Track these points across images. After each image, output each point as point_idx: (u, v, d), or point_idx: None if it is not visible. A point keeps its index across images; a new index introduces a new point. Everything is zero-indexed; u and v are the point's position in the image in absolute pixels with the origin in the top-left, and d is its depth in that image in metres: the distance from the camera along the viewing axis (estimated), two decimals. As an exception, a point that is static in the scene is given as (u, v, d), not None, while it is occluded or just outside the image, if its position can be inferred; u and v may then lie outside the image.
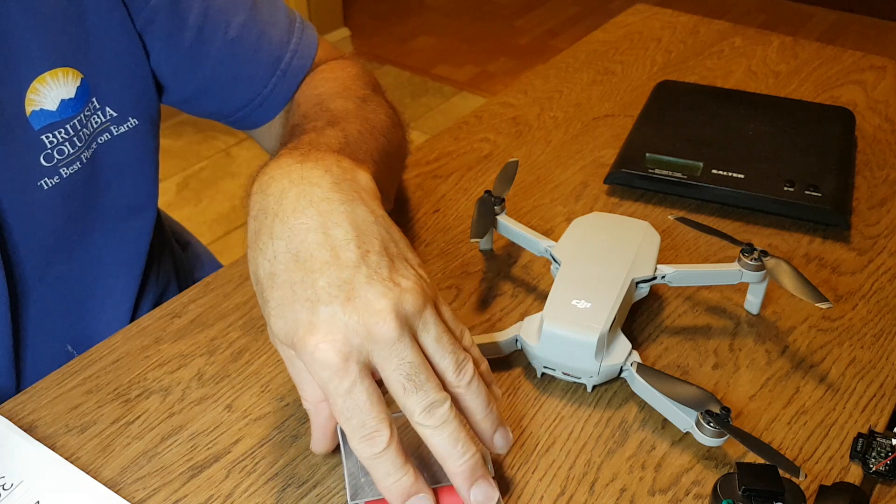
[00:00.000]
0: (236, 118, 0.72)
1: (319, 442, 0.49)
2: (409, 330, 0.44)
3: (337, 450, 0.53)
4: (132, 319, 0.72)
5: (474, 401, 0.46)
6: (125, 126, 0.65)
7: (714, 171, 0.75)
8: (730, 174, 0.75)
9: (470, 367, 0.46)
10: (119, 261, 0.70)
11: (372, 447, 0.43)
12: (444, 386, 0.44)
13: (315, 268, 0.44)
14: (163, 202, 0.89)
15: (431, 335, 0.45)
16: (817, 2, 3.25)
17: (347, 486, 0.48)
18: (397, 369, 0.43)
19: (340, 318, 0.43)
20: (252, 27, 0.68)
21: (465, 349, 0.47)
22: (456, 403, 0.45)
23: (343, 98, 0.64)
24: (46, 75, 0.59)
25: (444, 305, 0.47)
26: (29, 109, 0.59)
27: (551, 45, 3.03)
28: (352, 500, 0.47)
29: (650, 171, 0.76)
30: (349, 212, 0.46)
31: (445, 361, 0.45)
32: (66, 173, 0.62)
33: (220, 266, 0.90)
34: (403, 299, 0.43)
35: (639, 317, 0.63)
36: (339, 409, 0.43)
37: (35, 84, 0.58)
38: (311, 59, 0.72)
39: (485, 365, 0.48)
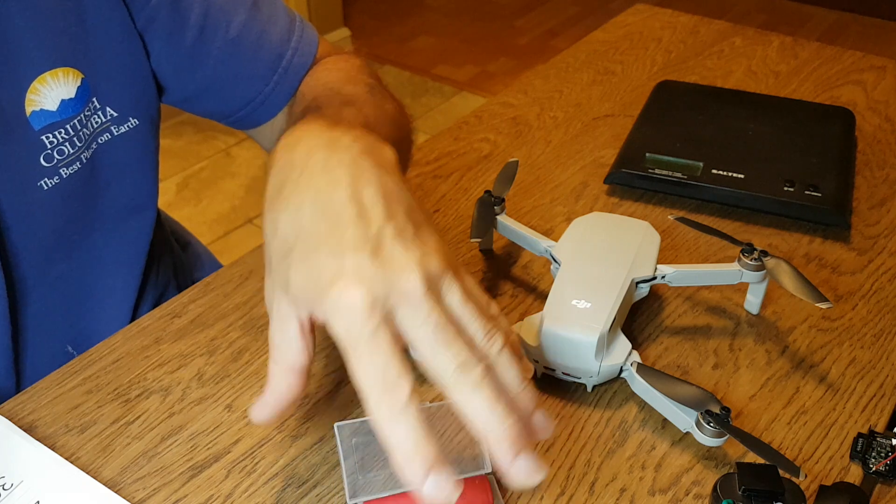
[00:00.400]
0: (237, 117, 0.72)
1: (266, 409, 0.45)
2: (434, 289, 0.42)
3: (335, 450, 0.53)
4: (132, 319, 0.72)
5: (508, 371, 0.42)
6: (125, 126, 0.65)
7: (714, 171, 0.75)
8: (730, 174, 0.75)
9: (500, 334, 0.43)
10: (119, 261, 0.70)
11: (393, 399, 0.39)
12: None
13: (343, 221, 0.43)
14: (163, 202, 0.89)
15: (457, 297, 0.43)
16: (817, 2, 3.25)
17: (346, 486, 0.48)
18: (424, 325, 0.41)
19: (368, 267, 0.41)
20: (253, 26, 0.68)
21: (493, 318, 0.44)
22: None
23: (352, 84, 0.64)
24: (47, 75, 0.59)
25: (467, 275, 0.45)
26: (29, 110, 0.58)
27: (551, 45, 3.03)
28: (351, 499, 0.47)
29: (650, 171, 0.76)
30: (378, 176, 0.45)
31: (473, 326, 0.42)
32: (65, 173, 0.62)
33: (219, 266, 0.90)
34: (429, 258, 0.42)
35: (639, 317, 0.63)
36: (359, 353, 0.40)
37: (35, 84, 0.58)
38: (311, 57, 0.72)
39: (514, 336, 0.45)
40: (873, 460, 0.51)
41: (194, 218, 2.13)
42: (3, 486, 0.49)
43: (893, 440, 0.52)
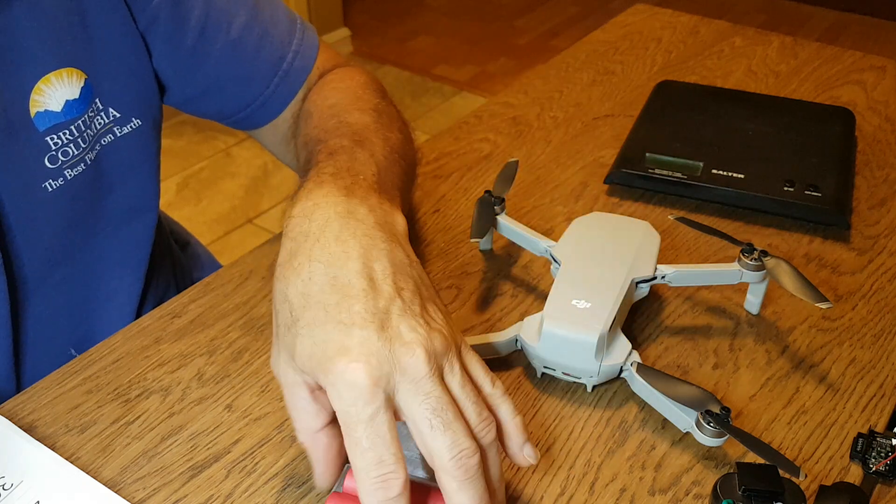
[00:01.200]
0: (238, 118, 0.72)
1: (324, 475, 0.47)
2: (438, 368, 0.43)
3: (337, 450, 0.53)
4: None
5: (493, 465, 0.44)
6: (128, 127, 0.65)
7: (714, 171, 0.75)
8: (730, 174, 0.75)
9: (493, 426, 0.44)
10: (122, 263, 0.70)
11: (386, 491, 0.41)
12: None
13: (352, 294, 0.44)
14: (163, 202, 0.89)
15: (457, 379, 0.44)
16: (817, 2, 3.25)
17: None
18: (423, 403, 0.42)
19: (374, 342, 0.42)
20: (254, 27, 0.68)
21: (494, 399, 0.45)
22: None
23: (359, 110, 0.64)
24: (51, 76, 0.59)
25: (471, 353, 0.46)
26: (33, 111, 0.58)
27: (551, 45, 3.03)
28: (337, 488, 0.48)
29: (650, 171, 0.76)
30: (389, 250, 0.46)
31: (469, 410, 0.43)
32: (70, 175, 0.61)
33: (219, 266, 0.90)
34: (433, 337, 0.43)
35: (639, 317, 0.63)
36: (356, 437, 0.41)
37: (39, 85, 0.58)
38: (312, 60, 0.71)
39: (518, 419, 0.46)
40: (873, 460, 0.51)
41: (194, 218, 2.13)
42: (3, 486, 0.49)
43: (893, 440, 0.52)
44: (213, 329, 0.62)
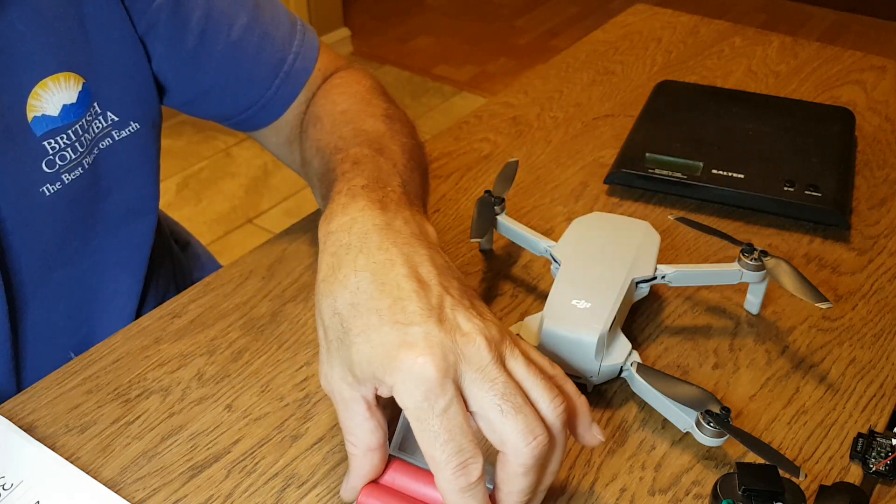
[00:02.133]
0: (239, 120, 0.72)
1: (354, 491, 0.47)
2: (499, 355, 0.43)
3: (335, 450, 0.53)
4: None
5: (560, 448, 0.45)
6: (126, 130, 0.65)
7: (714, 171, 0.75)
8: (730, 174, 0.75)
9: (564, 404, 0.44)
10: (121, 265, 0.70)
11: (467, 477, 0.41)
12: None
13: (403, 295, 0.44)
14: (163, 202, 0.89)
15: (521, 363, 0.44)
16: (817, 2, 3.25)
17: (395, 436, 0.48)
18: (491, 390, 0.42)
19: (436, 335, 0.42)
20: (254, 29, 0.68)
21: (558, 380, 0.46)
22: None
23: (372, 117, 0.64)
24: (48, 80, 0.59)
25: (524, 341, 0.47)
26: (30, 115, 0.58)
27: (551, 45, 3.03)
28: (392, 450, 0.48)
29: (650, 171, 0.76)
30: (430, 256, 0.47)
31: (539, 391, 0.44)
32: (67, 179, 0.61)
33: (218, 266, 0.90)
34: (489, 326, 0.44)
35: (639, 317, 0.63)
36: (434, 431, 0.41)
37: (37, 90, 0.58)
38: (313, 62, 0.71)
39: (584, 399, 0.47)
40: (873, 460, 0.51)
41: (194, 218, 2.13)
42: (3, 486, 0.49)
43: (893, 440, 0.52)
44: (213, 329, 0.62)
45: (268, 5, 0.70)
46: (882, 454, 0.51)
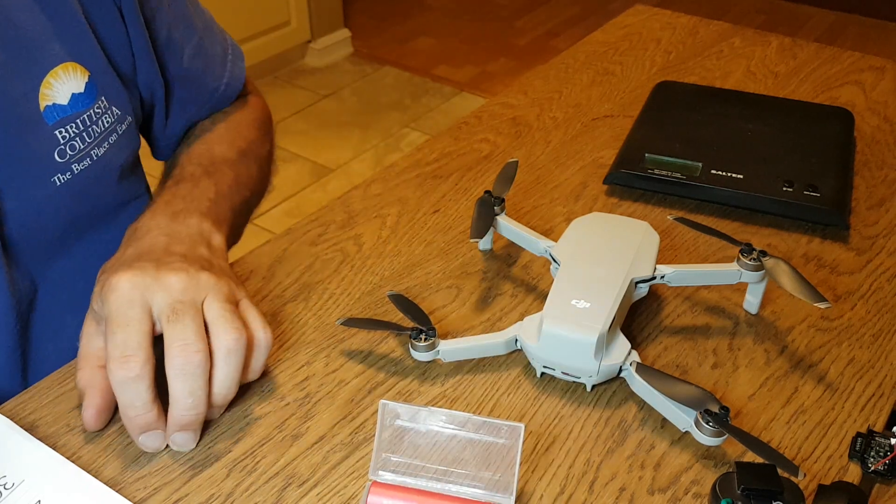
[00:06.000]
0: (164, 136, 0.76)
1: (100, 414, 0.53)
2: (194, 294, 0.52)
3: (335, 449, 0.53)
4: None
5: (221, 373, 0.51)
6: (125, 124, 0.66)
7: (713, 172, 0.76)
8: (729, 174, 0.75)
9: (240, 333, 0.52)
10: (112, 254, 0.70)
11: (126, 370, 0.49)
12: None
13: (146, 255, 0.55)
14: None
15: (216, 305, 0.52)
16: (816, 2, 3.25)
17: (372, 459, 0.48)
18: (168, 301, 0.51)
19: (148, 269, 0.52)
20: (198, 59, 0.73)
21: (246, 313, 0.54)
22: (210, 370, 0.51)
23: (228, 144, 0.73)
24: (59, 69, 0.59)
25: (251, 305, 0.55)
26: (42, 104, 0.59)
27: (551, 46, 3.03)
28: (372, 473, 0.48)
29: (649, 171, 0.76)
30: (191, 243, 0.58)
31: (218, 320, 0.51)
32: (77, 169, 0.62)
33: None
34: (202, 273, 0.53)
35: (638, 317, 0.63)
36: (108, 326, 0.50)
37: (48, 78, 0.59)
38: (237, 90, 0.78)
39: (265, 335, 0.54)
40: (872, 459, 0.52)
41: (194, 218, 2.13)
42: (5, 485, 0.49)
43: (892, 439, 0.52)
44: (213, 329, 0.62)
45: (207, 33, 0.74)
46: (881, 453, 0.51)
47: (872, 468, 0.51)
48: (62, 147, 0.61)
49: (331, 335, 0.62)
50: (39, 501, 0.49)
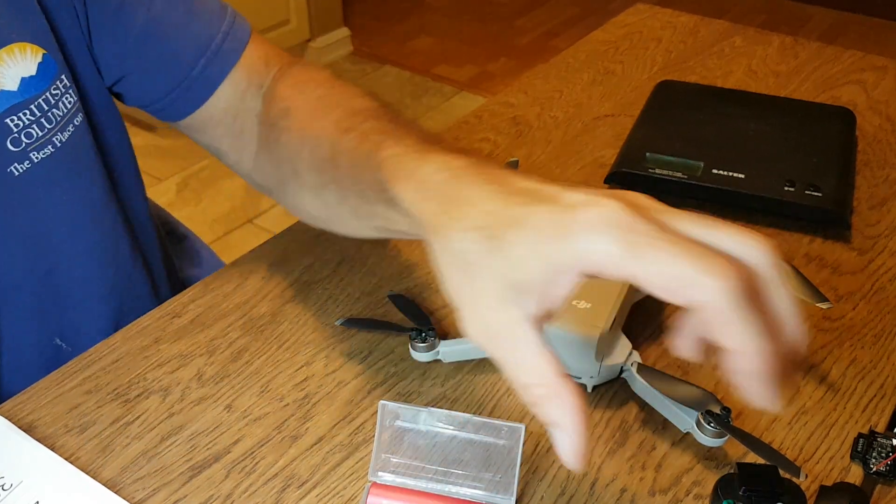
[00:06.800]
0: (163, 105, 0.67)
1: (578, 449, 0.37)
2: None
3: (335, 450, 0.53)
4: (119, 311, 0.71)
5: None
6: (91, 106, 0.63)
7: (714, 171, 0.75)
8: (730, 174, 0.75)
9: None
10: (94, 250, 0.67)
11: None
12: None
13: (532, 189, 0.41)
14: (163, 202, 0.89)
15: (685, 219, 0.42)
16: (817, 2, 3.25)
17: (372, 461, 0.48)
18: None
19: (592, 193, 0.39)
20: (177, 4, 0.64)
21: None
22: None
23: (355, 97, 0.60)
24: (2, 52, 0.56)
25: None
26: None
27: (551, 46, 3.03)
28: (371, 475, 0.47)
29: (650, 170, 0.76)
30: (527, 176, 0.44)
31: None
32: (36, 158, 0.59)
33: (221, 263, 0.90)
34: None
35: (639, 317, 0.63)
36: (661, 246, 0.36)
37: None
38: (243, 45, 0.67)
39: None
40: (874, 460, 0.51)
41: (194, 218, 2.13)
42: (3, 486, 0.49)
43: (894, 440, 0.51)
44: (212, 329, 0.62)
45: None
46: (882, 454, 0.51)
47: (874, 469, 0.51)
48: (15, 135, 0.57)
49: (330, 335, 0.61)
50: (38, 502, 0.49)
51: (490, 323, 0.39)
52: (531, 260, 0.37)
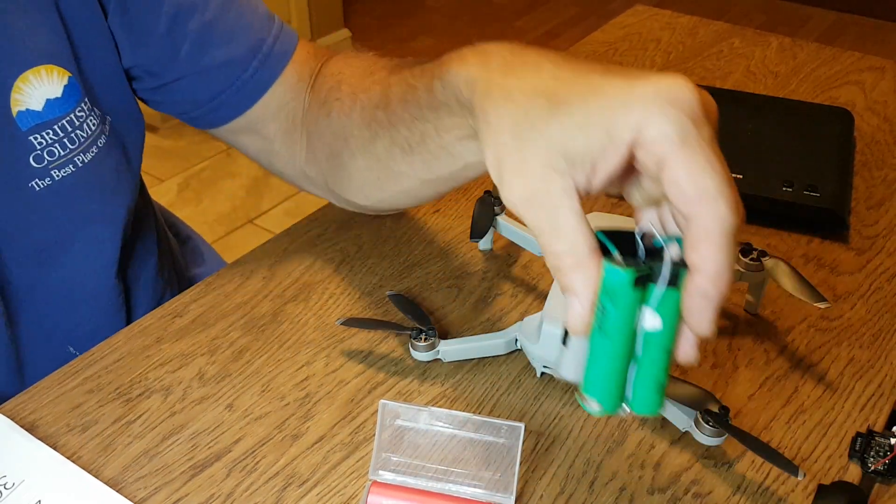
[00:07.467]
0: (210, 108, 0.67)
1: (586, 319, 0.39)
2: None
3: (335, 449, 0.53)
4: (132, 316, 0.72)
5: None
6: (108, 125, 0.64)
7: (713, 172, 0.75)
8: (729, 174, 0.75)
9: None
10: (109, 262, 0.68)
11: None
12: None
13: (606, 67, 0.40)
14: (164, 202, 0.89)
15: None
16: (816, 2, 3.25)
17: (372, 460, 0.48)
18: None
19: (659, 74, 0.39)
20: (230, 9, 0.65)
21: None
22: None
23: (392, 61, 0.61)
24: (29, 73, 0.57)
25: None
26: (14, 110, 0.57)
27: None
28: (372, 473, 0.48)
29: (649, 171, 0.76)
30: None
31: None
32: (57, 175, 0.60)
33: (223, 263, 0.90)
34: None
35: (638, 317, 0.63)
36: (705, 155, 0.36)
37: (18, 83, 0.57)
38: (293, 47, 0.67)
39: None
40: (872, 459, 0.52)
41: (195, 218, 2.13)
42: (5, 485, 0.49)
43: (892, 439, 0.52)
44: (214, 329, 0.62)
45: None
46: (880, 453, 0.52)
47: (872, 468, 0.51)
48: (38, 153, 0.59)
49: (331, 335, 0.62)
50: (39, 501, 0.49)
51: (535, 189, 0.39)
52: (590, 127, 0.37)
